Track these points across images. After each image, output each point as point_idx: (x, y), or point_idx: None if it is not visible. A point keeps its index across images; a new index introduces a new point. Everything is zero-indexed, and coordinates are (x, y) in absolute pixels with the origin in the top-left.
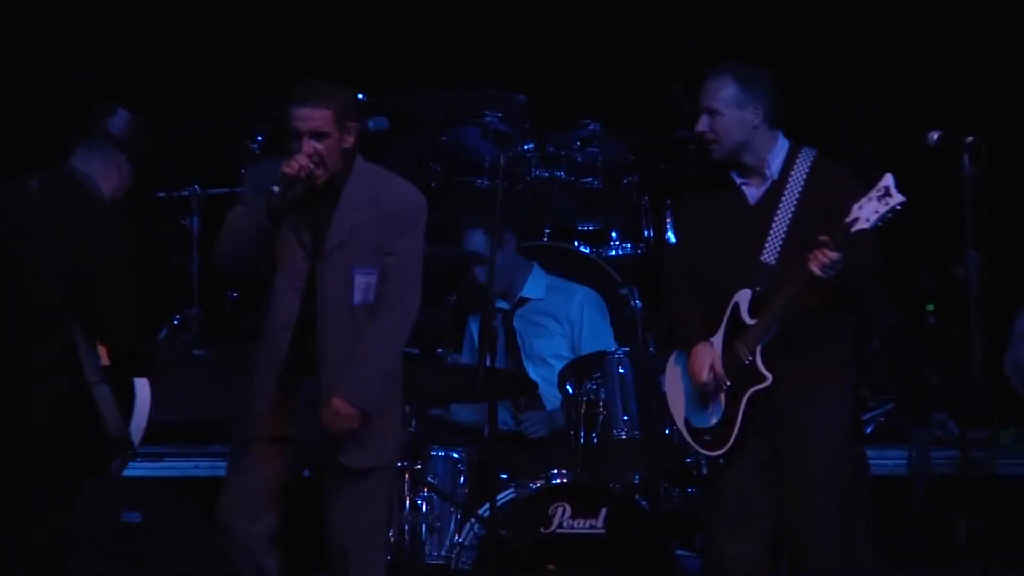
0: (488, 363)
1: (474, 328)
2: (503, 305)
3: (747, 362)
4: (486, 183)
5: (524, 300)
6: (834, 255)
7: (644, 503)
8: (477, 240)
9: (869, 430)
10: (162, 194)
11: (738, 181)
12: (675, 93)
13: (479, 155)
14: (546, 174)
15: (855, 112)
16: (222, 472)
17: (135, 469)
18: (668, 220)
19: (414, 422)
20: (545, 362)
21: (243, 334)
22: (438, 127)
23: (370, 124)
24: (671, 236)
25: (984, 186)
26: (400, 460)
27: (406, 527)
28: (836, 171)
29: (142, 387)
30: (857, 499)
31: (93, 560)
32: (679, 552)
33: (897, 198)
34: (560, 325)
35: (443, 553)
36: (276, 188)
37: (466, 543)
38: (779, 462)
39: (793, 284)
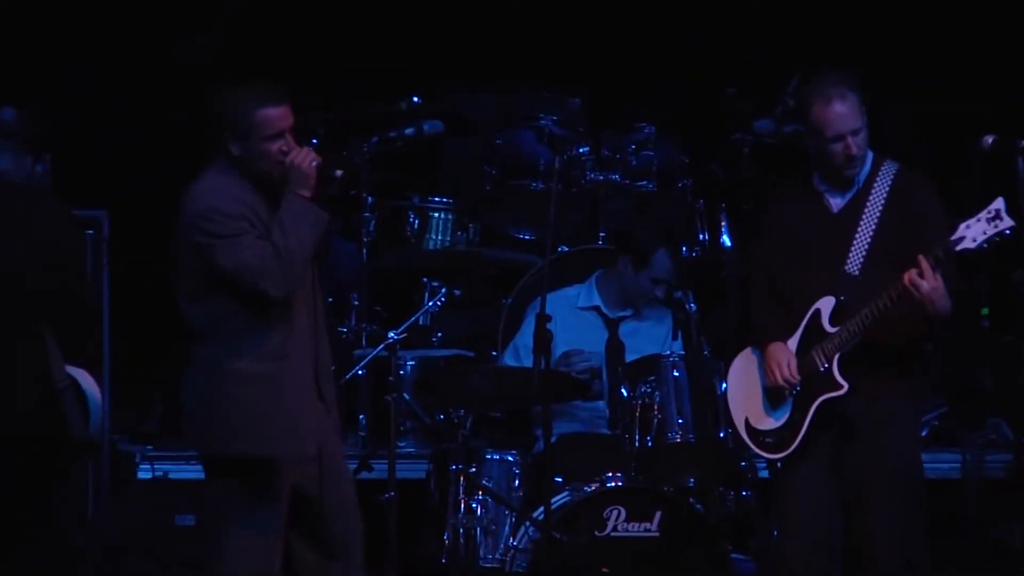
0: (543, 365)
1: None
2: (608, 312)
3: (823, 369)
4: (541, 186)
5: (630, 315)
6: (933, 279)
7: (698, 507)
8: (663, 260)
9: (924, 433)
10: None
11: (820, 188)
12: (729, 96)
13: (534, 158)
14: (601, 177)
15: (908, 115)
16: None
17: (189, 472)
18: (723, 223)
19: (468, 424)
20: None
21: None
22: (493, 130)
23: (425, 127)
24: (726, 240)
25: None
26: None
27: (461, 530)
28: (921, 183)
29: (88, 383)
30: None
31: (146, 563)
32: (733, 555)
33: (1007, 222)
34: (656, 346)
35: (497, 556)
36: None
37: (520, 546)
38: (845, 469)
39: (884, 296)
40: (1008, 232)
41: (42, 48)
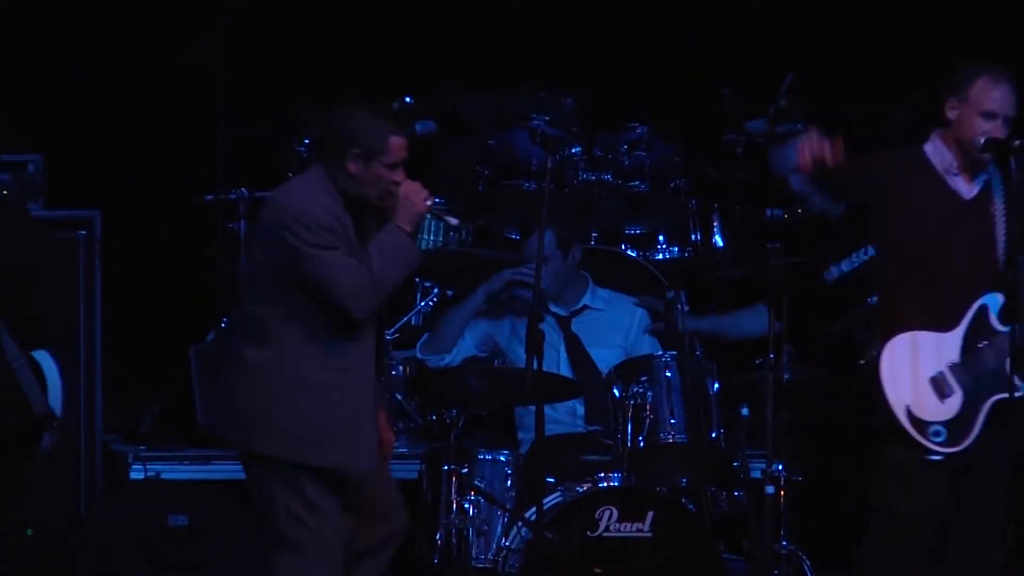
0: (535, 365)
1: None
2: (558, 311)
3: (995, 366)
4: (534, 186)
5: (583, 308)
6: None
7: (691, 507)
8: (547, 240)
9: None
10: (210, 197)
11: (941, 170)
12: (723, 96)
13: (527, 159)
14: (593, 177)
15: (913, 110)
16: None
17: (182, 472)
18: (715, 224)
19: (460, 424)
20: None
21: None
22: (486, 131)
23: (417, 128)
24: (719, 240)
25: None
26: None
27: (453, 531)
28: None
29: (48, 363)
30: None
31: (140, 564)
32: (726, 556)
33: None
34: (620, 336)
35: (490, 556)
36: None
37: (513, 546)
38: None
39: None
40: None
41: (37, 51)
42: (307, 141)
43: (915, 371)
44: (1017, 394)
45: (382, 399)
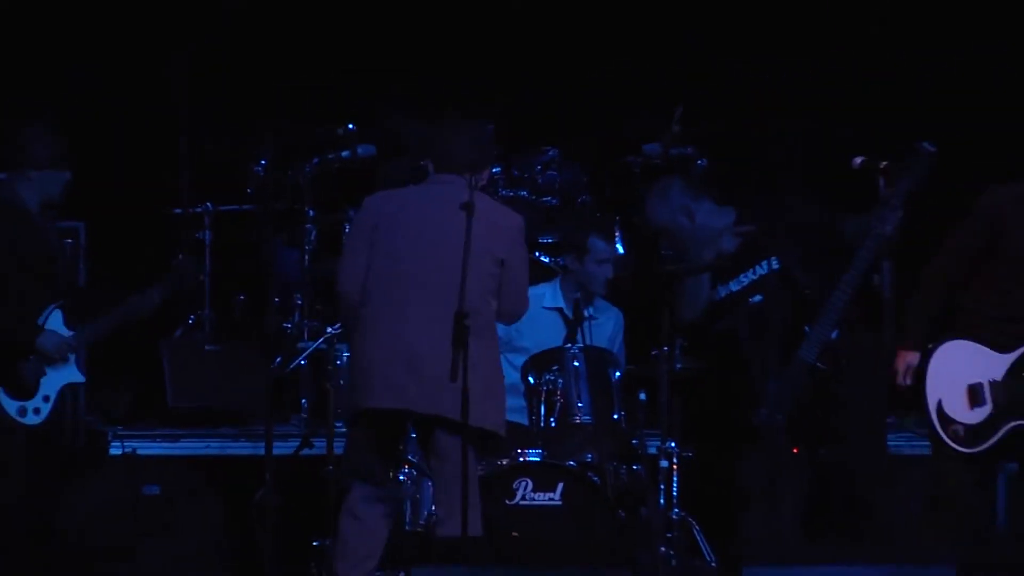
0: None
1: None
2: (569, 314)
3: None
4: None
5: (590, 317)
6: None
7: (595, 479)
8: (595, 242)
9: None
10: (179, 211)
11: None
12: (623, 124)
13: None
14: (511, 193)
15: (790, 134)
16: (231, 451)
17: (155, 448)
18: (616, 233)
19: None
20: None
21: (249, 333)
22: (418, 153)
23: (359, 150)
24: (619, 247)
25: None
26: None
27: None
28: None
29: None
30: None
31: (118, 527)
32: (626, 521)
33: None
34: (603, 342)
35: (421, 522)
36: None
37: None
38: None
39: None
40: None
41: (28, 76)
42: (263, 162)
43: (959, 371)
44: None
45: None
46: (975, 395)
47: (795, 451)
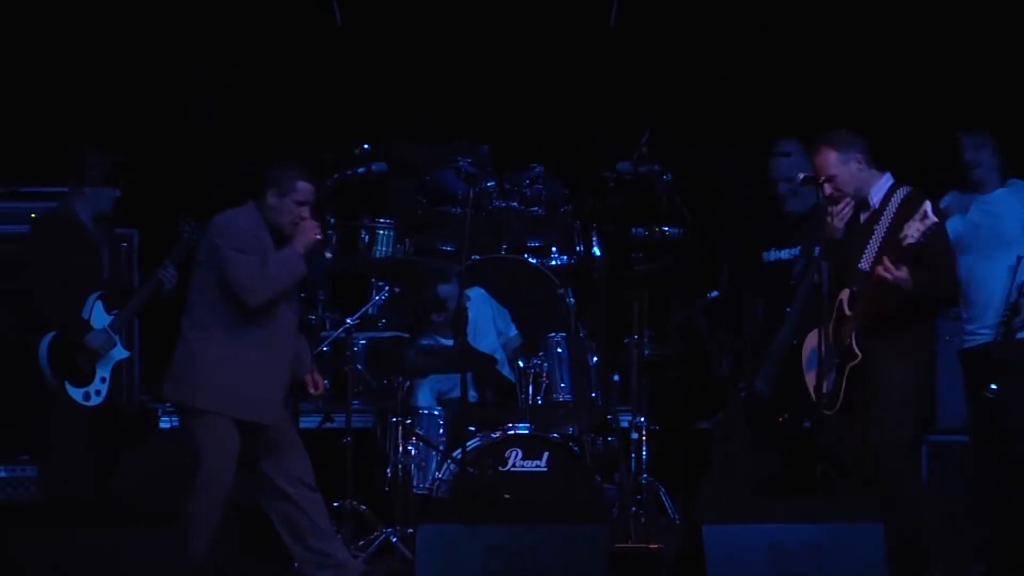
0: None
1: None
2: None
3: (847, 343)
4: (459, 211)
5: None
6: (894, 269)
7: (576, 449)
8: (450, 288)
9: None
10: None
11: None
12: (598, 143)
13: (454, 190)
14: (503, 204)
15: (732, 159)
16: None
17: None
18: (594, 239)
19: (405, 387)
20: None
21: None
22: (424, 169)
23: (372, 167)
24: (596, 251)
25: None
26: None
27: (399, 466)
28: (919, 200)
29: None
30: None
31: (167, 492)
32: (602, 485)
33: (932, 219)
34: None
35: (426, 486)
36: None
37: (444, 478)
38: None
39: (872, 286)
40: (934, 226)
41: (92, 104)
42: None
43: (812, 357)
44: (857, 360)
45: (309, 363)
46: (825, 367)
47: (780, 420)
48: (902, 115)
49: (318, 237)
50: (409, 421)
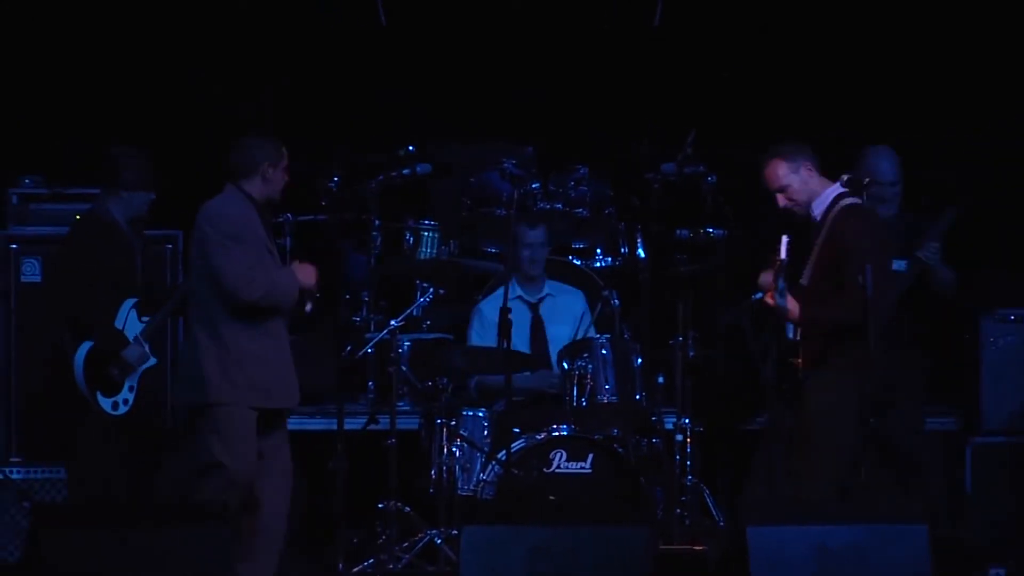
0: (504, 345)
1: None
2: (529, 297)
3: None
4: (504, 213)
5: (544, 296)
6: (775, 298)
7: (620, 450)
8: (541, 232)
9: None
10: None
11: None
12: (643, 146)
13: (499, 192)
14: (548, 206)
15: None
16: (308, 427)
17: None
18: (638, 241)
19: (450, 389)
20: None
21: (323, 325)
22: (468, 171)
23: (417, 169)
24: (641, 252)
25: None
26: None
27: (444, 468)
28: (849, 220)
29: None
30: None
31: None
32: (646, 487)
33: (782, 255)
34: (570, 320)
35: (471, 487)
36: None
37: (488, 479)
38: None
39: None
40: (783, 265)
41: (138, 116)
42: (336, 179)
43: None
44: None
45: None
46: None
47: None
48: (945, 115)
49: (313, 286)
50: (454, 423)
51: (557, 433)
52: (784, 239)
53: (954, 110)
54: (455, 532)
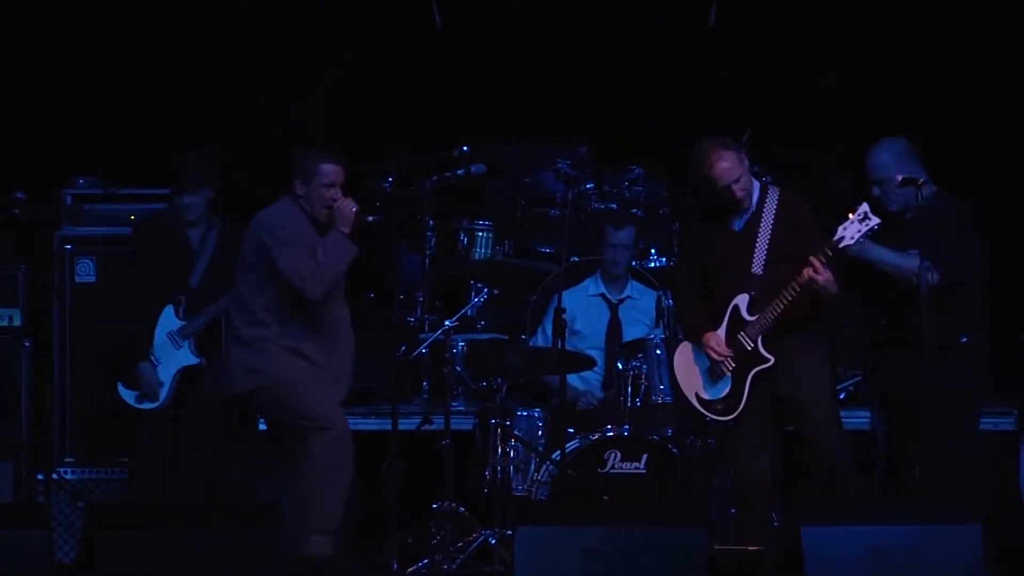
0: (559, 345)
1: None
2: (611, 296)
3: (749, 348)
4: (558, 213)
5: (627, 298)
6: (825, 272)
7: (675, 450)
8: (630, 232)
9: (842, 396)
10: None
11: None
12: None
13: (553, 192)
14: (603, 206)
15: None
16: (363, 427)
17: None
18: None
19: (504, 389)
20: None
21: (377, 325)
22: (522, 171)
23: (471, 169)
24: None
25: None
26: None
27: (499, 468)
28: (798, 201)
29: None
30: None
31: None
32: (702, 487)
33: (874, 220)
34: (646, 319)
35: (525, 487)
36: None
37: (542, 480)
38: (782, 414)
39: (790, 288)
40: (876, 227)
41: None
42: (390, 179)
43: (694, 366)
44: (769, 364)
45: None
46: (714, 373)
47: None
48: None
49: (355, 209)
50: (508, 423)
51: (611, 433)
52: (864, 204)
53: None
54: (509, 532)
